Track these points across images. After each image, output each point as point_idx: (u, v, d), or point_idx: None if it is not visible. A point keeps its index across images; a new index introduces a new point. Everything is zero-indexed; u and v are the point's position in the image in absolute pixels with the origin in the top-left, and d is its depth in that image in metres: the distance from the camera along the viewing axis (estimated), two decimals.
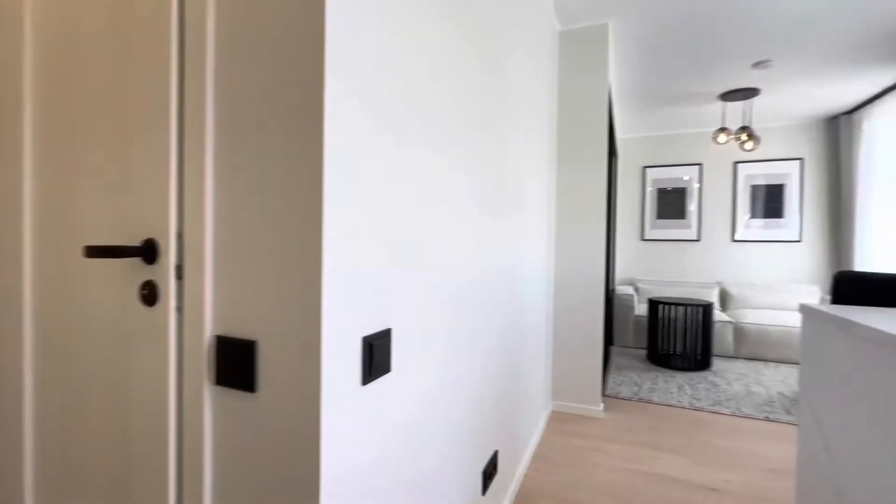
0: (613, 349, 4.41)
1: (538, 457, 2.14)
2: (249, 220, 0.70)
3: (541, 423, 2.40)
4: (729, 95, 3.78)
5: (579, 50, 2.67)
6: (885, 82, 3.50)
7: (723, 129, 3.89)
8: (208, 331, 0.74)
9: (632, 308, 4.46)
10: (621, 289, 4.79)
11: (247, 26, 0.70)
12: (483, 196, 1.37)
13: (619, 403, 2.85)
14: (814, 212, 4.67)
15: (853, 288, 1.52)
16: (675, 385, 3.25)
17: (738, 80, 3.49)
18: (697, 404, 2.86)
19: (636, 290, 5.00)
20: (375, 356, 0.76)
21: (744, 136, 3.84)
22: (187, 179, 0.75)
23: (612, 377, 3.42)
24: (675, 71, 3.32)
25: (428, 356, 1.01)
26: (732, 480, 1.94)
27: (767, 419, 2.64)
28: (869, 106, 3.94)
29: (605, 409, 2.75)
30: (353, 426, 0.73)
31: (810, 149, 4.67)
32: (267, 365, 0.70)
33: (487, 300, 1.43)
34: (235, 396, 0.72)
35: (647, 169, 5.26)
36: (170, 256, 0.76)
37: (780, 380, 3.44)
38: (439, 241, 1.05)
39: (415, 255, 0.92)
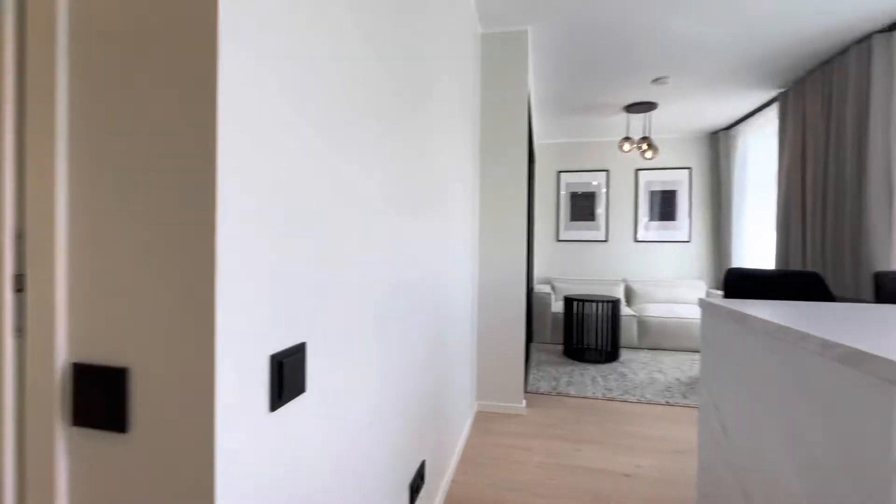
0: (533, 346, 4.57)
1: (465, 460, 2.11)
2: (119, 213, 0.56)
3: (467, 426, 2.39)
4: (632, 108, 4.11)
5: (501, 54, 2.71)
6: (756, 103, 4.04)
7: (627, 139, 4.23)
8: (61, 357, 0.58)
9: (549, 306, 4.67)
10: (539, 287, 5.00)
11: None
12: (405, 198, 1.29)
13: (539, 399, 2.95)
14: (700, 215, 5.27)
15: (741, 283, 1.69)
16: (590, 377, 3.45)
17: (640, 94, 3.80)
18: (609, 394, 3.05)
19: (553, 288, 5.25)
20: (287, 376, 0.66)
21: (644, 146, 4.20)
22: (30, 159, 0.58)
23: (533, 373, 3.54)
24: (586, 82, 3.52)
25: (349, 370, 0.92)
26: (643, 465, 2.07)
27: (668, 403, 2.89)
28: (743, 123, 4.52)
29: (528, 405, 2.82)
30: (259, 463, 0.62)
31: (697, 159, 5.26)
32: (143, 398, 0.56)
33: (413, 305, 1.36)
34: (101, 439, 0.57)
35: (562, 174, 5.56)
36: (4, 264, 0.59)
37: (676, 367, 3.80)
38: (356, 245, 0.96)
39: (332, 259, 0.83)
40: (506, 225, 2.72)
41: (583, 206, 5.53)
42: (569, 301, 4.21)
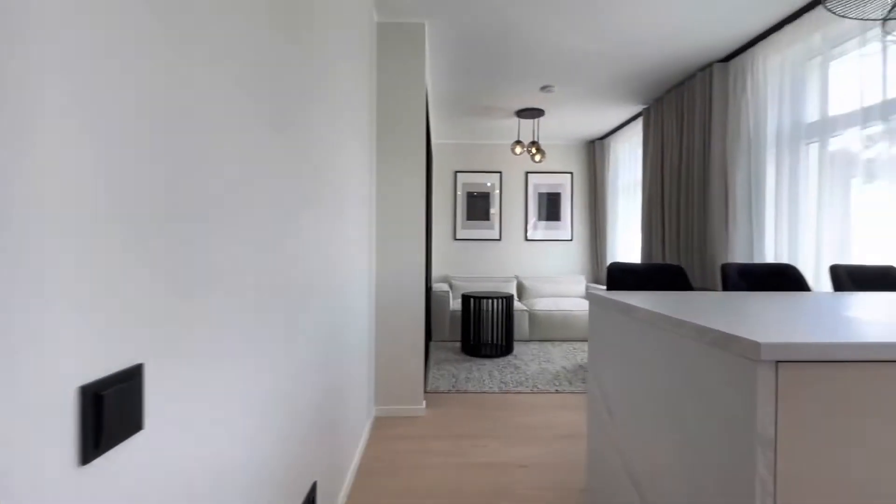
0: (432, 345, 4.57)
1: (363, 472, 1.98)
2: None
3: (364, 434, 2.26)
4: (522, 113, 4.33)
5: (398, 45, 2.62)
6: (625, 116, 4.53)
7: (518, 142, 4.44)
8: None
9: (447, 304, 4.71)
10: (438, 286, 5.03)
11: None
12: (292, 190, 1.14)
13: (439, 398, 2.92)
14: (581, 216, 5.78)
15: (621, 276, 1.84)
16: (487, 372, 3.53)
17: (530, 100, 4.01)
18: (505, 388, 3.15)
19: (451, 286, 5.31)
20: (109, 413, 0.48)
21: (533, 150, 4.45)
22: None
23: (433, 372, 3.52)
24: (481, 84, 3.60)
25: (214, 392, 0.75)
26: (537, 454, 2.15)
27: (557, 391, 3.08)
28: (615, 134, 5.05)
29: (428, 405, 2.78)
30: None
31: (578, 165, 5.75)
32: None
33: (301, 308, 1.21)
34: None
35: (459, 174, 5.66)
36: None
37: (563, 356, 4.10)
38: (226, 237, 0.79)
39: (189, 257, 0.66)
40: (404, 223, 2.64)
41: (478, 206, 5.70)
42: (466, 298, 4.28)
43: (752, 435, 0.82)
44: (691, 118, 3.38)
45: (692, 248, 3.36)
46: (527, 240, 5.73)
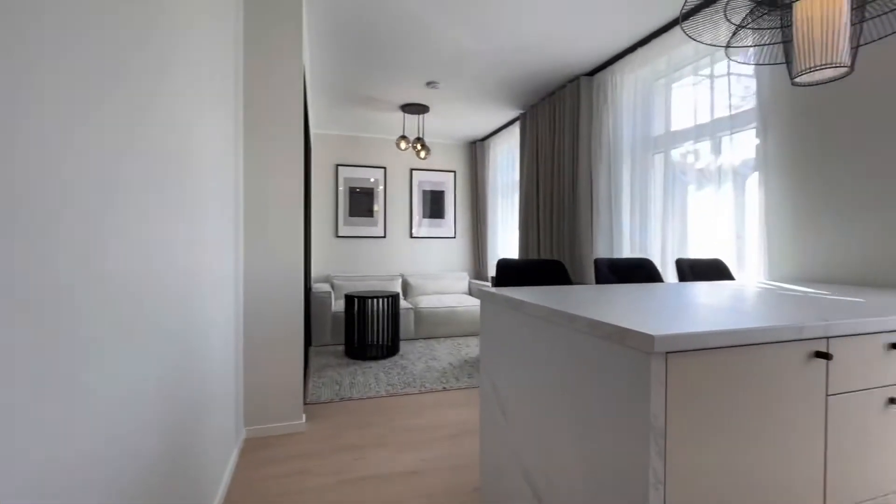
0: (312, 350, 4.24)
1: None
2: None
3: (231, 463, 1.93)
4: (407, 107, 4.24)
5: (271, 20, 2.30)
6: (504, 119, 4.76)
7: (403, 138, 4.35)
8: None
9: (329, 305, 4.42)
10: (318, 286, 4.69)
11: None
12: (126, 180, 0.86)
13: (321, 409, 2.68)
14: (463, 214, 5.93)
15: (508, 272, 1.86)
16: (373, 375, 3.37)
17: (416, 95, 3.95)
18: (392, 390, 3.03)
19: (332, 286, 5.01)
20: None
21: (419, 146, 4.41)
22: None
23: (313, 381, 3.23)
24: (365, 74, 3.42)
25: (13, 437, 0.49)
26: (428, 457, 2.08)
27: (445, 389, 3.07)
28: (495, 136, 5.28)
29: (308, 419, 2.52)
30: None
31: (460, 164, 5.89)
32: None
33: (141, 321, 0.92)
34: None
35: (341, 167, 5.36)
36: None
37: (448, 352, 4.13)
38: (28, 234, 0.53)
39: None
40: (279, 218, 2.34)
41: (362, 202, 5.48)
42: (350, 299, 4.05)
43: (646, 424, 0.83)
44: (562, 125, 3.66)
45: (563, 244, 3.64)
46: (412, 237, 5.68)
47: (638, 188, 3.03)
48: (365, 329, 4.02)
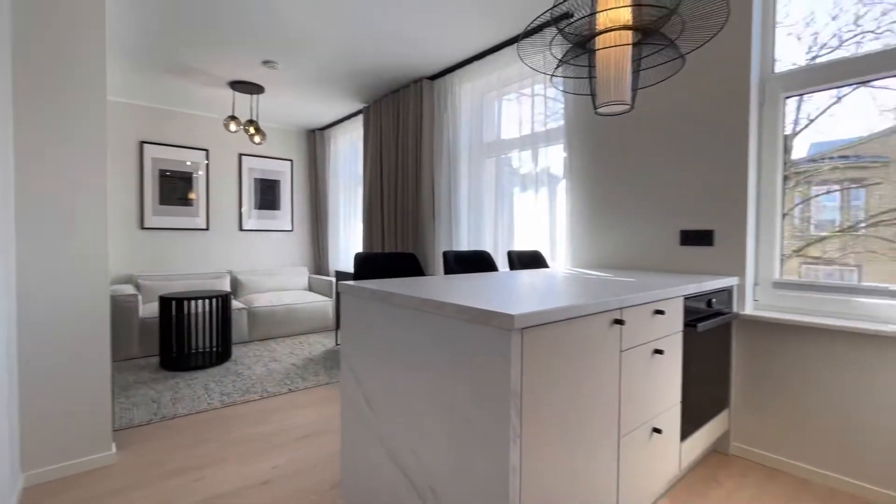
0: (114, 366, 3.48)
1: None
2: None
3: None
4: (238, 85, 3.81)
5: None
6: (347, 111, 4.68)
7: (233, 118, 3.90)
8: None
9: (135, 311, 3.69)
10: (118, 289, 3.87)
11: None
12: None
13: (136, 434, 2.25)
14: (302, 206, 5.62)
15: (366, 265, 1.88)
16: (201, 386, 2.97)
17: (249, 73, 3.58)
18: (228, 400, 2.73)
19: (138, 287, 4.18)
20: None
21: (252, 130, 4.01)
22: None
23: (121, 402, 2.68)
24: (186, 41, 2.94)
25: None
26: (280, 464, 1.96)
27: (291, 391, 2.91)
28: (337, 126, 5.14)
29: (120, 448, 2.09)
30: None
31: (298, 153, 5.56)
32: None
33: None
34: None
35: (147, 145, 4.49)
36: None
37: (290, 352, 3.90)
38: None
39: None
40: (70, 208, 1.87)
41: (176, 188, 4.70)
42: (166, 301, 3.46)
43: (506, 389, 0.99)
44: (406, 124, 3.80)
45: (408, 238, 3.81)
46: (242, 230, 5.14)
47: (474, 188, 3.37)
48: (186, 335, 3.49)
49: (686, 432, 1.69)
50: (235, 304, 4.35)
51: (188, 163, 4.74)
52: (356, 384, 1.52)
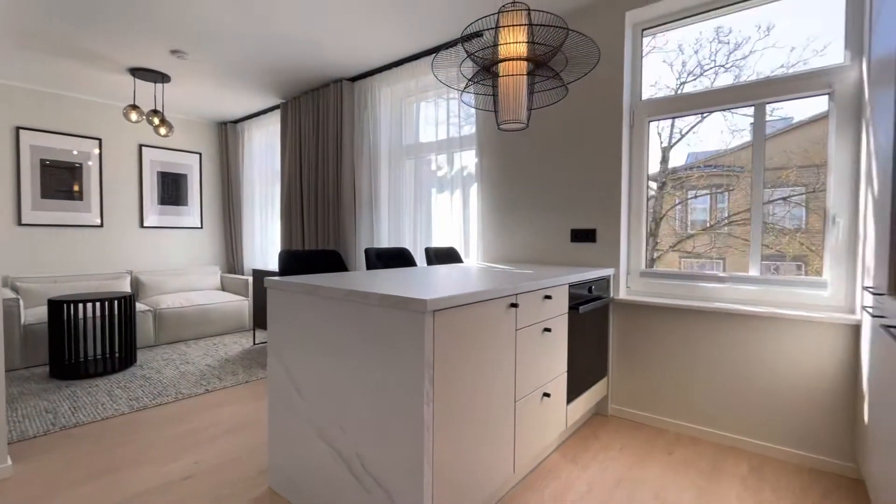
0: None
1: None
2: None
3: None
4: (141, 73, 3.58)
5: None
6: (263, 105, 4.57)
7: (134, 107, 3.65)
8: None
9: (17, 317, 3.32)
10: None
11: None
12: None
13: (33, 445, 2.11)
14: (212, 202, 5.35)
15: (291, 262, 1.97)
16: (105, 393, 2.80)
17: (154, 61, 3.38)
18: (139, 404, 2.62)
19: (17, 291, 3.74)
20: None
21: (156, 121, 3.78)
22: None
23: (9, 416, 2.45)
24: (82, 18, 2.73)
25: None
26: (203, 459, 1.98)
27: (208, 391, 2.86)
28: (252, 120, 4.98)
29: (16, 461, 1.96)
30: None
31: (207, 145, 5.28)
32: None
33: None
34: None
35: (24, 132, 4.00)
36: None
37: (204, 354, 3.76)
38: None
39: None
40: None
41: (62, 181, 4.25)
42: (56, 304, 3.17)
43: (421, 361, 1.20)
44: (326, 123, 3.85)
45: (329, 235, 3.87)
46: (143, 227, 4.77)
47: (394, 188, 3.54)
48: (82, 341, 3.23)
49: (571, 397, 2.04)
50: (140, 306, 4.06)
51: (75, 152, 4.30)
52: (285, 373, 1.63)
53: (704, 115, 2.37)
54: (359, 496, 1.37)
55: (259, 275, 4.02)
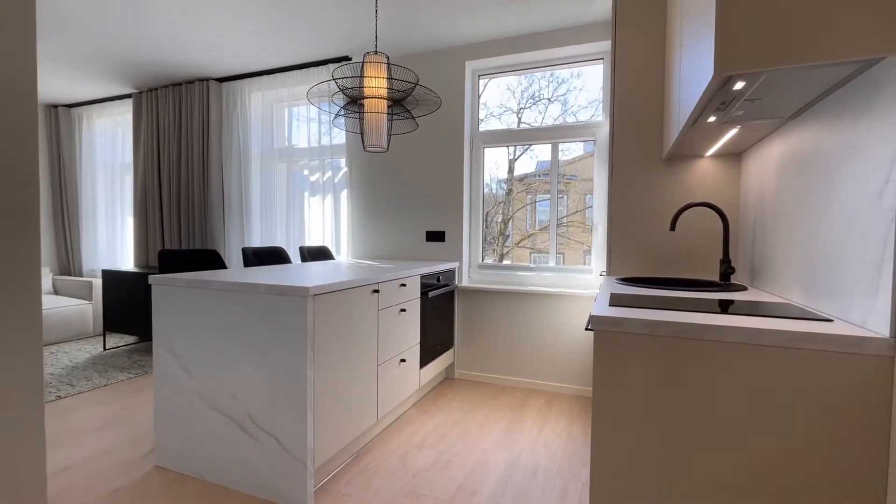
0: None
1: None
2: None
3: None
4: None
5: None
6: (110, 92, 4.23)
7: None
8: None
9: None
10: None
11: None
12: None
13: None
14: (42, 196, 4.68)
15: (171, 260, 2.13)
16: None
17: None
18: None
19: None
20: None
21: None
22: None
23: None
24: None
25: None
26: (76, 453, 2.03)
27: (60, 397, 2.73)
28: (93, 106, 4.52)
29: None
30: None
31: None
32: None
33: None
34: None
35: None
36: None
37: (47, 363, 3.42)
38: None
39: None
40: None
41: None
42: None
43: (304, 333, 1.60)
44: (190, 120, 3.81)
45: (195, 235, 3.85)
46: None
47: (266, 189, 3.72)
48: None
49: (424, 362, 2.61)
50: None
51: None
52: (172, 358, 1.85)
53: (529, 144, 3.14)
54: (249, 447, 1.71)
55: (113, 276, 3.78)
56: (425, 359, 2.63)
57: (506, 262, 3.29)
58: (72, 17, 2.70)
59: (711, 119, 1.32)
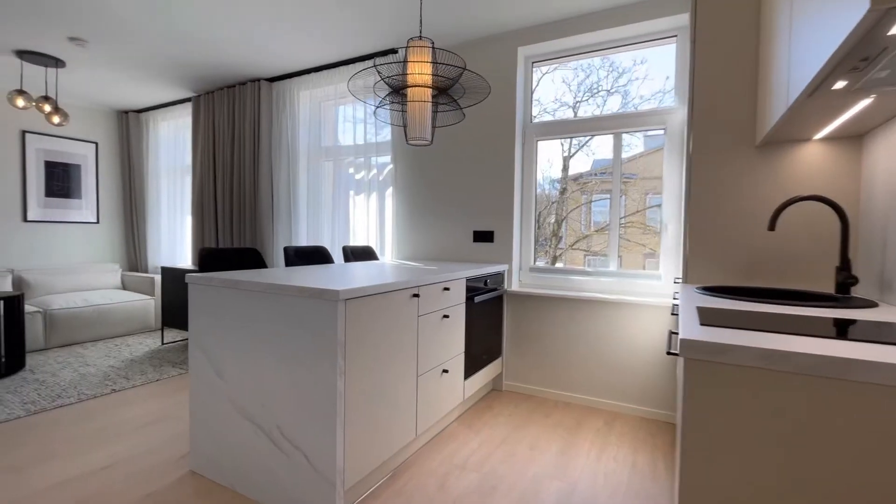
0: None
1: None
2: None
3: None
4: (30, 56, 3.32)
5: None
6: (172, 97, 4.41)
7: (21, 92, 3.38)
8: None
9: None
10: None
11: None
12: None
13: None
14: (110, 194, 5.01)
15: (211, 259, 2.08)
16: None
17: (48, 45, 3.18)
18: (36, 407, 2.52)
19: None
20: None
21: (48, 108, 3.52)
22: None
23: None
24: None
25: None
26: (118, 451, 2.03)
27: (115, 391, 2.81)
28: (159, 111, 4.75)
29: None
30: None
31: (105, 135, 4.93)
32: None
33: None
34: None
35: None
36: None
37: (105, 356, 3.60)
38: None
39: None
40: None
41: None
42: None
43: (334, 342, 1.45)
44: (242, 121, 3.87)
45: (245, 233, 3.90)
46: (26, 221, 4.36)
47: (313, 188, 3.68)
48: None
49: (468, 373, 2.41)
50: (26, 307, 3.74)
51: None
52: (207, 361, 1.78)
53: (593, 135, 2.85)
54: (278, 461, 1.59)
55: (170, 273, 3.91)
56: (470, 369, 2.43)
57: (559, 264, 3.01)
58: (131, 27, 2.77)
59: (840, 84, 1.02)
